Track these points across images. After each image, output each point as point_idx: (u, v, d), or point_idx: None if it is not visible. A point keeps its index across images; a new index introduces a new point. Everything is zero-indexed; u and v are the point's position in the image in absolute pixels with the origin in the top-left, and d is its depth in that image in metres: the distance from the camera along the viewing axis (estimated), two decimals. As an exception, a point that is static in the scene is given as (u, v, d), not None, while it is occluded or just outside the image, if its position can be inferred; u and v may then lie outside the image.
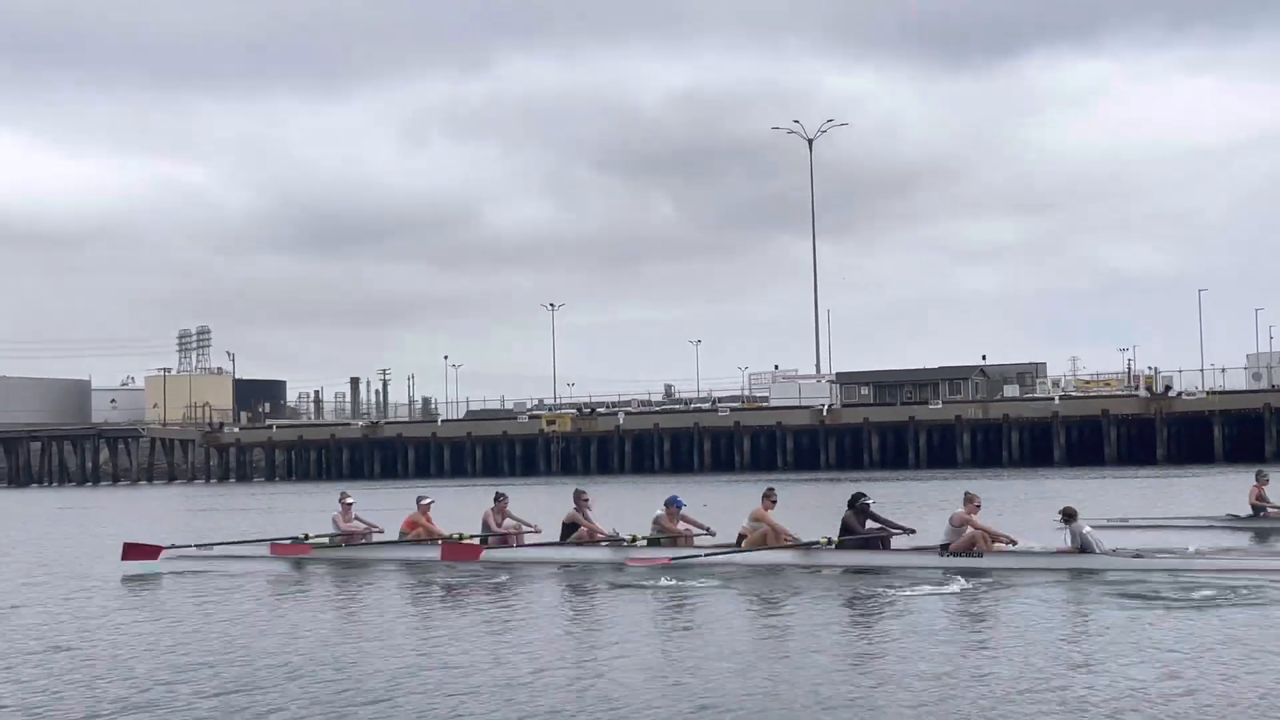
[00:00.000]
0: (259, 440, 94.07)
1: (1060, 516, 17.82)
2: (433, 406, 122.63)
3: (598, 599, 16.26)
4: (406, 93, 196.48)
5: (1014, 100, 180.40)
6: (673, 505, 19.90)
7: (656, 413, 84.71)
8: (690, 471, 74.34)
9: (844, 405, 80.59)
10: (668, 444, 79.31)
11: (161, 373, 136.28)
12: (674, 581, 16.92)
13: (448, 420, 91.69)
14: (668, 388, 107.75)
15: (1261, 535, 22.92)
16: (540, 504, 31.59)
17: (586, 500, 20.59)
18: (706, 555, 18.61)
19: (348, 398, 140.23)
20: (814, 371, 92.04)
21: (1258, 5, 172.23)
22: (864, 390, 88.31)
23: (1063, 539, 17.61)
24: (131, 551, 21.12)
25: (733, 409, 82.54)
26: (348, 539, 21.75)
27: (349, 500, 22.40)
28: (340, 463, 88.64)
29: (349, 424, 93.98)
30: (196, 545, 23.03)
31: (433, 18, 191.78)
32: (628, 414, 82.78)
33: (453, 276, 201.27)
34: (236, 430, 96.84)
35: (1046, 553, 17.66)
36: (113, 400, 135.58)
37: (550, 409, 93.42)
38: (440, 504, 23.22)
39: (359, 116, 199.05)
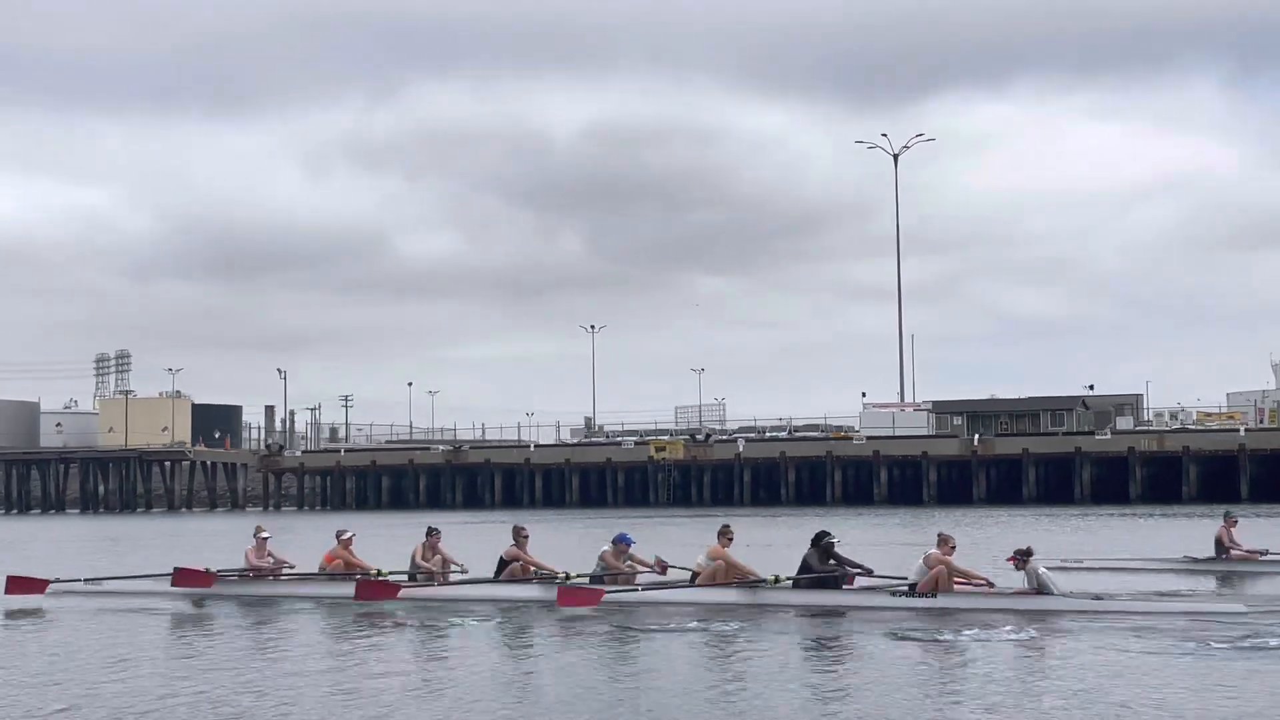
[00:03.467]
0: (325, 465, 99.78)
1: (1013, 557, 19.85)
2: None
3: (521, 640, 17.91)
4: (314, 120, 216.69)
5: (921, 142, 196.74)
6: (621, 543, 21.52)
7: (781, 440, 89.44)
8: (821, 504, 78.52)
9: (991, 436, 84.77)
10: (793, 474, 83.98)
11: (124, 396, 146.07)
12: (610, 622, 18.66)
13: (541, 445, 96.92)
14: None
15: (1223, 577, 25.22)
16: (647, 538, 34.47)
17: (526, 536, 22.32)
18: (644, 590, 20.77)
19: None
20: (898, 400, 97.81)
21: (1164, 54, 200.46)
22: (956, 420, 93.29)
23: (1020, 580, 19.60)
24: (14, 585, 23.22)
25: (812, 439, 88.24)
26: (256, 572, 23.73)
27: (264, 535, 24.12)
28: (417, 490, 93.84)
29: (428, 447, 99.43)
30: (85, 580, 24.96)
31: (341, 46, 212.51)
32: (748, 441, 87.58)
33: (359, 306, 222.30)
34: (299, 454, 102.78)
35: (1003, 593, 19.57)
36: (58, 424, 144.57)
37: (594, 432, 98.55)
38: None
39: (265, 143, 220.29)
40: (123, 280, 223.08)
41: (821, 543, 20.49)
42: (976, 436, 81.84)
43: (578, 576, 21.47)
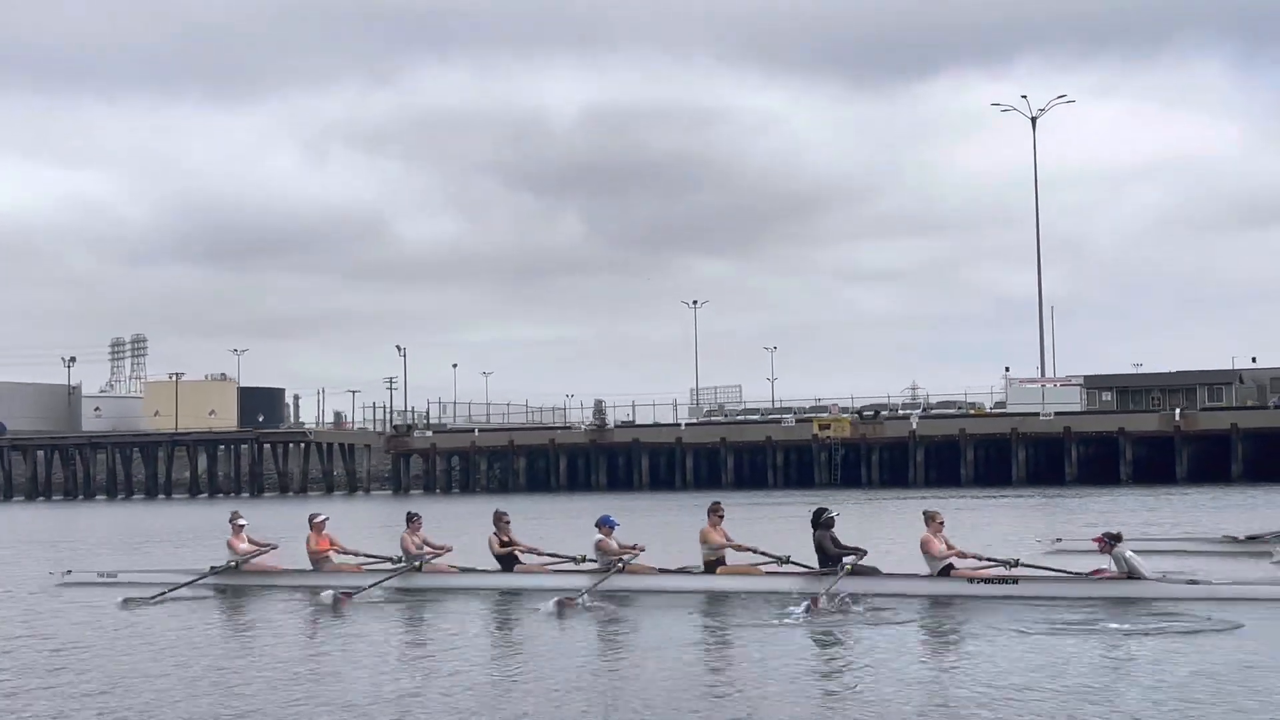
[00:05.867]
0: (458, 445, 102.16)
1: (1101, 541, 20.14)
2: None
3: (513, 629, 18.59)
4: (312, 104, 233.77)
5: (921, 123, 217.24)
6: (604, 525, 22.37)
7: (958, 416, 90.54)
8: (1005, 484, 79.27)
9: (1195, 410, 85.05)
10: (972, 452, 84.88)
11: (173, 378, 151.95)
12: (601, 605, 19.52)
13: (693, 424, 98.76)
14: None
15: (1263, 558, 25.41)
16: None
17: (508, 521, 23.32)
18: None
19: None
20: (1038, 375, 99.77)
21: (1166, 33, 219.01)
22: (1105, 396, 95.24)
23: (1106, 564, 19.88)
24: None
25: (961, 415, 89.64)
26: (242, 562, 24.68)
27: (240, 522, 25.15)
28: (557, 471, 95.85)
29: (570, 427, 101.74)
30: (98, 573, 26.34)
31: (338, 29, 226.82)
32: (921, 418, 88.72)
33: (359, 291, 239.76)
34: (429, 433, 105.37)
35: (1090, 579, 19.80)
36: (97, 409, 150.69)
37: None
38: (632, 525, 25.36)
39: (263, 128, 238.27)
40: (121, 266, 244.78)
41: (823, 519, 21.10)
42: (1178, 411, 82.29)
43: (586, 562, 22.35)
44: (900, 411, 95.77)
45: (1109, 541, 19.81)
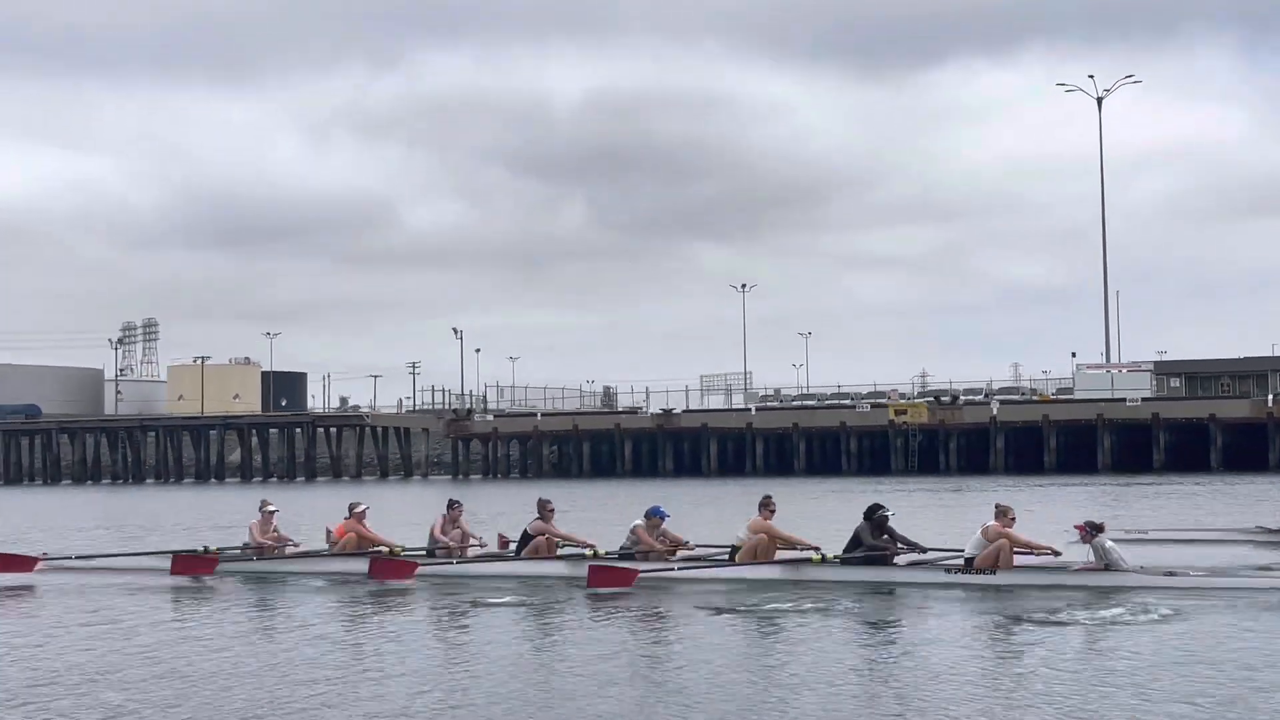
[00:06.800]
0: (520, 430, 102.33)
1: (1082, 529, 20.08)
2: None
3: (545, 621, 18.10)
4: (316, 90, 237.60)
5: (928, 111, 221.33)
6: (654, 516, 22.19)
7: (1040, 402, 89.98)
8: (1089, 472, 78.59)
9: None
10: (1054, 439, 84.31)
11: (198, 362, 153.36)
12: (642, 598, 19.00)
13: (765, 408, 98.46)
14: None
15: None
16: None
17: (552, 510, 22.88)
18: (681, 567, 21.21)
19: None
20: (1102, 361, 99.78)
21: (1172, 21, 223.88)
22: (1174, 382, 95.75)
23: (1085, 554, 20.00)
24: (4, 563, 23.90)
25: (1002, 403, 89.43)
26: (259, 551, 24.36)
27: (271, 509, 24.82)
28: (623, 457, 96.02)
29: (636, 411, 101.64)
30: (77, 556, 25.81)
31: (342, 14, 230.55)
32: (1002, 403, 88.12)
33: (363, 277, 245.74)
34: (490, 417, 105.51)
35: (1067, 569, 19.91)
36: (119, 393, 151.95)
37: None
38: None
39: (267, 113, 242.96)
40: (126, 251, 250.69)
41: (875, 516, 20.95)
42: (1271, 397, 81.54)
43: (606, 553, 22.15)
44: (965, 397, 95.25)
45: (1090, 531, 19.79)
